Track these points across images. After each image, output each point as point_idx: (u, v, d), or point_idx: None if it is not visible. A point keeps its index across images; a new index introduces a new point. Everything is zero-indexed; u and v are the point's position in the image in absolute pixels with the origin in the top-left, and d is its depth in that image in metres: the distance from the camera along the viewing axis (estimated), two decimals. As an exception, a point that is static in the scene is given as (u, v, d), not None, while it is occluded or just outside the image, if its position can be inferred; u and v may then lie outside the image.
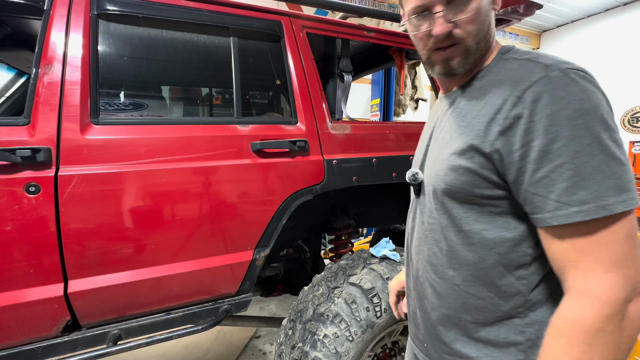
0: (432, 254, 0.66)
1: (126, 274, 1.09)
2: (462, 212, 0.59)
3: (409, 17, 0.61)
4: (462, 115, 0.60)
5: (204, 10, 1.24)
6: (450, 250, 0.62)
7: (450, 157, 0.58)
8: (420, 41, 0.62)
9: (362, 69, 2.42)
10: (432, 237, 0.66)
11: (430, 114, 0.82)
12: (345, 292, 1.26)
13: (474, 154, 0.55)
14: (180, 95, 2.21)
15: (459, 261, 0.61)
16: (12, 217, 0.94)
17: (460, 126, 0.59)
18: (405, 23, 0.65)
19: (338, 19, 1.60)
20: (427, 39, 0.60)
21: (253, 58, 1.38)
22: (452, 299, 0.62)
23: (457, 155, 0.57)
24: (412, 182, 0.72)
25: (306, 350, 1.18)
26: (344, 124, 1.47)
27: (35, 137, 0.97)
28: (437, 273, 0.65)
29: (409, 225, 0.78)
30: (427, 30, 0.59)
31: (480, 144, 0.54)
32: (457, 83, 0.66)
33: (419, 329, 0.73)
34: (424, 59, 0.65)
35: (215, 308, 1.27)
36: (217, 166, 1.18)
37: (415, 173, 0.71)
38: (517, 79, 0.52)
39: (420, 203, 0.71)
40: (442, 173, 0.60)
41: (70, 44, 1.05)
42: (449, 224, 0.61)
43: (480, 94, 0.58)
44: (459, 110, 0.61)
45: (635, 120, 5.29)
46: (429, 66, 0.66)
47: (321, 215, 1.79)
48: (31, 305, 0.99)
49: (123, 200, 1.06)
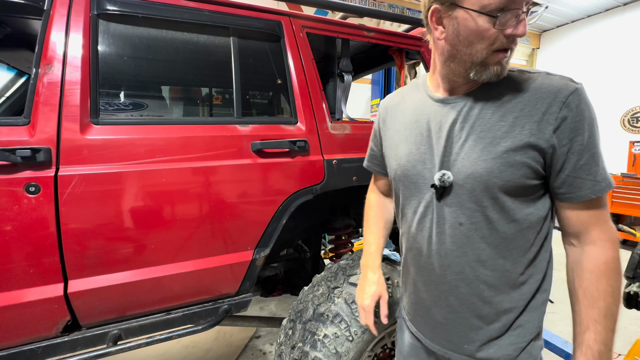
0: (480, 252, 0.68)
1: (126, 274, 1.10)
2: (513, 204, 0.65)
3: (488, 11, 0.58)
4: (499, 117, 0.65)
5: (204, 10, 1.24)
6: (502, 241, 0.67)
7: (505, 155, 0.63)
8: (486, 39, 0.60)
9: (362, 69, 2.42)
10: (478, 236, 0.68)
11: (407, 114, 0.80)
12: (345, 292, 1.26)
13: (530, 149, 0.62)
14: (180, 95, 2.21)
15: (509, 248, 0.67)
16: (12, 217, 0.94)
17: (502, 126, 0.64)
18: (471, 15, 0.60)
19: (338, 19, 1.60)
20: (496, 37, 0.60)
21: (253, 58, 1.38)
22: (505, 284, 0.69)
23: (512, 152, 0.63)
24: (441, 185, 0.68)
25: (306, 350, 1.18)
26: (344, 124, 1.47)
27: (35, 137, 0.97)
28: (488, 267, 0.68)
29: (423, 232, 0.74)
30: (502, 28, 0.59)
31: (536, 140, 0.62)
32: (466, 88, 0.70)
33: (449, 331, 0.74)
34: (478, 59, 0.63)
35: (215, 308, 1.27)
36: (217, 166, 1.18)
37: (444, 174, 0.68)
38: (557, 89, 0.62)
39: (446, 205, 0.69)
40: (496, 170, 0.64)
41: (70, 44, 1.05)
42: (500, 218, 0.66)
43: (510, 99, 0.65)
44: (491, 113, 0.66)
45: (635, 120, 5.29)
46: (480, 67, 0.64)
47: (321, 215, 1.79)
48: (31, 305, 0.99)
49: (123, 201, 1.06)
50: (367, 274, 0.93)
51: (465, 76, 0.67)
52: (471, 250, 0.68)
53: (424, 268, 0.76)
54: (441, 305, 0.75)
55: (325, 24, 1.48)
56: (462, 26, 0.61)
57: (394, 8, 4.78)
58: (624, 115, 5.43)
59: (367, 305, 0.89)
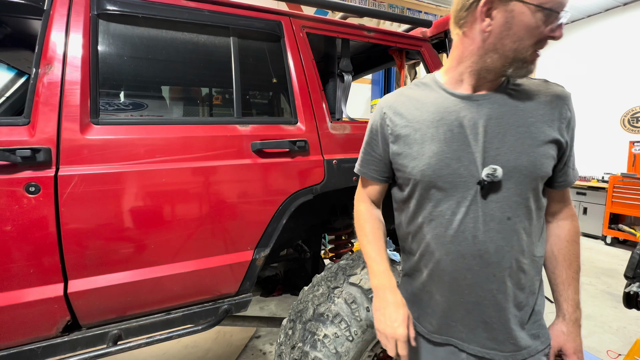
0: (522, 242, 0.72)
1: (126, 274, 1.09)
2: (541, 192, 0.74)
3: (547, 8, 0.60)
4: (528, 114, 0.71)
5: (204, 10, 1.24)
6: (534, 229, 0.74)
7: (542, 148, 0.70)
8: (534, 37, 0.63)
9: (362, 69, 2.42)
10: (521, 227, 0.71)
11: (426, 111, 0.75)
12: (345, 292, 1.26)
13: (554, 144, 0.71)
14: (180, 95, 2.21)
15: (536, 234, 0.75)
16: (12, 217, 0.94)
17: (532, 122, 0.70)
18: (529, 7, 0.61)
19: (338, 19, 1.60)
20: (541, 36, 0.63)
21: (253, 58, 1.38)
22: (534, 268, 0.75)
23: (546, 145, 0.70)
24: (491, 180, 0.68)
25: (306, 350, 1.18)
26: (344, 124, 1.47)
27: (35, 137, 0.97)
28: (526, 255, 0.73)
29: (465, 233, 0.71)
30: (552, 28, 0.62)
31: (560, 136, 0.71)
32: (489, 86, 0.74)
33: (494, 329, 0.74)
34: (521, 55, 0.65)
35: (215, 308, 1.27)
36: (217, 166, 1.18)
37: (495, 170, 0.68)
38: (563, 94, 0.73)
39: (492, 201, 0.70)
40: (538, 162, 0.69)
41: (70, 44, 1.04)
42: (535, 207, 0.73)
43: (530, 98, 0.72)
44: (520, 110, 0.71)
45: (635, 120, 5.29)
46: (521, 64, 0.66)
47: (321, 215, 1.79)
48: (31, 305, 0.99)
49: (123, 201, 1.06)
50: (387, 296, 0.80)
51: (500, 72, 0.69)
52: (517, 243, 0.71)
53: (466, 271, 0.72)
54: (486, 304, 0.73)
55: (325, 24, 1.48)
56: (517, 20, 0.62)
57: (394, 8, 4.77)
58: (624, 115, 5.43)
59: (402, 334, 0.75)
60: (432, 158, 0.72)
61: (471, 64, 0.71)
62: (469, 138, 0.71)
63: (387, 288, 0.81)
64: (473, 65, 0.71)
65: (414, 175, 0.75)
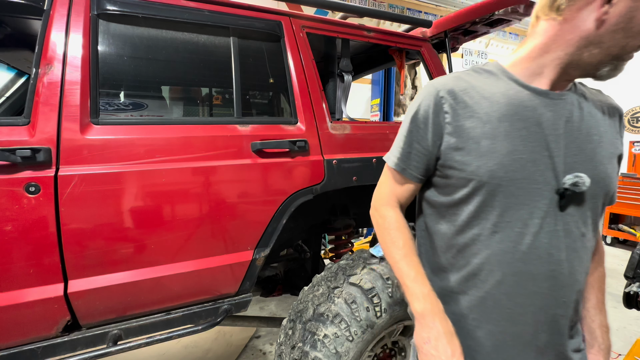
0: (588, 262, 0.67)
1: (126, 274, 1.09)
2: None
3: None
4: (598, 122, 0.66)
5: (204, 10, 1.24)
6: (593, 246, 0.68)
7: (613, 162, 0.66)
8: None
9: (362, 69, 2.42)
10: (590, 247, 0.66)
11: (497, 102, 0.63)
12: (345, 292, 1.26)
13: (619, 160, 0.68)
14: (180, 95, 2.21)
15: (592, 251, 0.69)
16: (12, 217, 0.94)
17: (603, 131, 0.65)
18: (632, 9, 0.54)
19: (338, 19, 1.60)
20: None
21: (253, 58, 1.38)
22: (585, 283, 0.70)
23: (616, 160, 0.67)
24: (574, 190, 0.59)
25: (306, 350, 1.18)
26: (344, 124, 1.47)
27: (35, 137, 0.97)
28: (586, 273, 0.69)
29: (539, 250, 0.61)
30: None
31: (620, 152, 0.68)
32: (563, 85, 0.65)
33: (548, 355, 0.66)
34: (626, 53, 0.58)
35: (215, 308, 1.27)
36: (217, 166, 1.18)
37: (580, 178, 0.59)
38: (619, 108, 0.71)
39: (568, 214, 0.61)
40: (613, 175, 0.65)
41: (70, 44, 1.04)
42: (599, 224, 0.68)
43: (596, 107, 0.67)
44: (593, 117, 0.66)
45: (635, 120, 5.29)
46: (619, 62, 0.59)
47: (321, 215, 1.79)
48: (31, 306, 0.99)
49: (123, 201, 1.06)
50: (437, 324, 0.65)
51: (591, 70, 0.61)
52: (587, 264, 0.66)
53: (534, 295, 0.62)
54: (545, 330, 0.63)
55: (325, 24, 1.48)
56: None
57: (394, 8, 4.78)
58: (624, 115, 5.44)
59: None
60: (505, 157, 0.60)
61: (562, 56, 0.60)
62: (548, 139, 0.61)
63: (436, 314, 0.66)
64: (564, 57, 0.60)
65: (479, 175, 0.62)
